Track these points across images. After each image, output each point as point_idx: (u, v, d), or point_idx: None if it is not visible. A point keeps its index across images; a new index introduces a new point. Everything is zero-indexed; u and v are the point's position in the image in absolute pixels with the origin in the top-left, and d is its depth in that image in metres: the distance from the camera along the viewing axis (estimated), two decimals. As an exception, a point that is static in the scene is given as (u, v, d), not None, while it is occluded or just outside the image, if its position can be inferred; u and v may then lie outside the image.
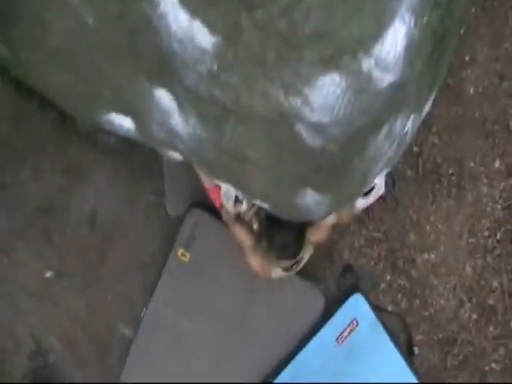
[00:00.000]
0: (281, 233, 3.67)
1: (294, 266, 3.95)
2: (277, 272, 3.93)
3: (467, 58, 4.86)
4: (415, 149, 4.90)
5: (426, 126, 4.64)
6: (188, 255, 4.49)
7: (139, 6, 2.39)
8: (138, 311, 4.62)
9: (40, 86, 3.63)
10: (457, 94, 4.92)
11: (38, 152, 4.34)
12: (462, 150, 5.01)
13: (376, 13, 2.05)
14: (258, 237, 3.75)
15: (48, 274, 4.46)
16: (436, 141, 4.97)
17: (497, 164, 5.08)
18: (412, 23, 2.15)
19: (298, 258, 3.78)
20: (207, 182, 3.73)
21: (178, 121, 2.89)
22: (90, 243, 4.51)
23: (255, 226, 3.76)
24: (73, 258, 4.49)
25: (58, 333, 4.53)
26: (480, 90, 4.97)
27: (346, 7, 2.02)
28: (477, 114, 4.98)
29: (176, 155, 3.34)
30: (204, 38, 2.31)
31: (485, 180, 5.09)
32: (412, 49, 2.22)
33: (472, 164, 5.04)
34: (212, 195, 3.85)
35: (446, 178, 5.02)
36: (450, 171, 5.02)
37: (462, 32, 4.49)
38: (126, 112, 3.26)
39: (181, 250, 4.49)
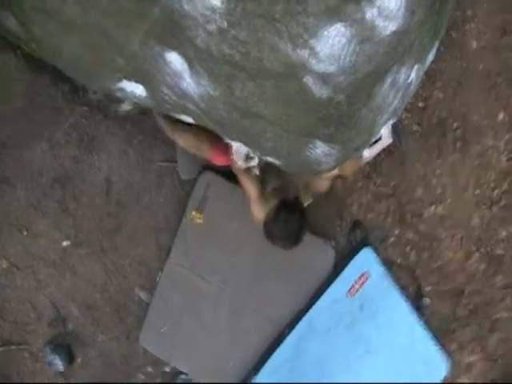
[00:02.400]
0: (280, 179, 3.86)
1: None
2: None
3: (469, 12, 4.87)
4: (420, 104, 4.94)
5: (430, 80, 4.69)
6: (201, 216, 4.57)
7: None
8: (153, 275, 4.73)
9: (52, 58, 3.67)
10: (460, 48, 4.94)
11: (52, 125, 4.40)
12: (466, 104, 5.04)
13: None
14: (263, 187, 3.86)
15: (65, 244, 4.57)
16: (441, 95, 5.00)
17: (501, 116, 5.11)
18: None
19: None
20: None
21: (189, 82, 2.93)
22: (105, 211, 4.60)
23: (256, 173, 3.84)
24: (89, 226, 4.58)
25: (77, 300, 4.66)
26: (483, 43, 4.99)
27: None
28: (480, 68, 5.00)
29: (187, 118, 3.39)
30: None
31: (489, 132, 5.12)
32: None
33: (476, 117, 5.08)
34: (216, 160, 3.93)
35: (451, 132, 5.07)
36: (455, 125, 5.06)
37: (463, -15, 4.50)
38: (137, 78, 3.31)
39: (194, 212, 4.56)
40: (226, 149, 3.53)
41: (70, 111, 4.37)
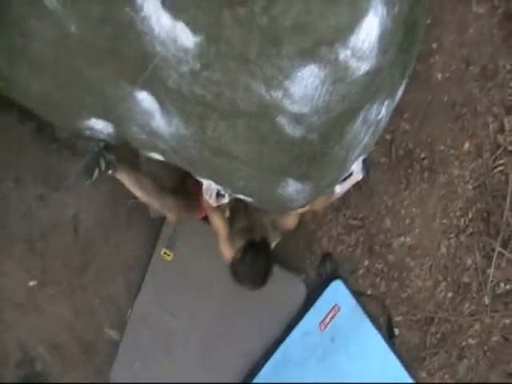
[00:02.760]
0: (247, 219, 3.84)
1: None
2: None
3: (434, 46, 4.94)
4: (387, 136, 4.98)
5: (397, 112, 4.70)
6: (171, 254, 4.54)
7: (122, 10, 2.39)
8: (123, 313, 4.67)
9: (20, 96, 3.62)
10: (426, 80, 5.00)
11: (19, 163, 4.34)
12: (432, 135, 5.10)
13: (351, 4, 2.12)
14: (231, 225, 3.83)
15: (32, 283, 4.49)
16: (407, 127, 5.06)
17: (466, 146, 5.19)
18: (385, 13, 2.21)
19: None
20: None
21: (159, 122, 2.91)
22: (73, 249, 4.54)
23: (227, 214, 3.83)
24: (56, 265, 4.50)
25: (44, 340, 4.57)
26: (447, 75, 5.06)
27: (323, 0, 2.09)
28: (445, 99, 5.07)
29: (157, 155, 3.35)
30: (187, 37, 2.32)
31: (455, 162, 5.20)
32: (385, 37, 2.28)
33: (443, 147, 5.15)
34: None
35: (419, 163, 5.12)
36: (422, 155, 5.12)
37: (428, 21, 4.55)
38: (107, 116, 3.27)
39: (164, 250, 4.54)
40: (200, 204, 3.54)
41: (36, 149, 4.31)
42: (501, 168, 5.10)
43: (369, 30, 2.16)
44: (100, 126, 3.32)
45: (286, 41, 2.16)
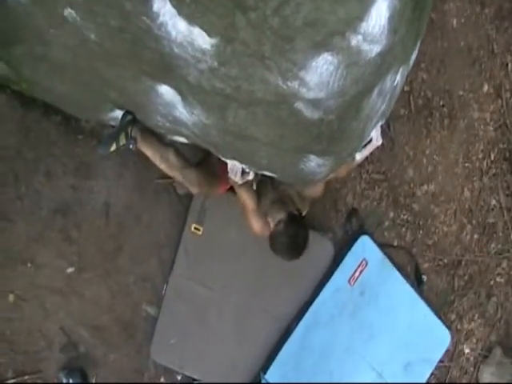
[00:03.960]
0: (275, 192, 3.88)
1: None
2: None
3: (448, -8, 4.85)
4: (405, 88, 4.95)
5: (413, 64, 4.66)
6: (201, 228, 4.59)
7: (139, 19, 2.39)
8: (158, 289, 4.73)
9: (43, 96, 3.67)
10: (441, 28, 4.95)
11: (48, 157, 4.36)
12: (450, 81, 5.07)
13: None
14: (258, 199, 3.85)
15: (69, 270, 4.53)
16: (425, 76, 5.03)
17: (485, 88, 5.16)
18: None
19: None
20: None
21: (182, 111, 2.94)
22: (106, 234, 4.57)
23: (254, 187, 3.84)
24: (91, 250, 4.55)
25: (85, 323, 4.64)
26: (462, 20, 5.00)
27: None
28: (462, 44, 5.03)
29: (181, 139, 3.41)
30: (203, 40, 2.33)
31: (475, 105, 5.18)
32: (395, 17, 2.26)
33: (461, 92, 5.12)
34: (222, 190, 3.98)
35: (438, 111, 5.10)
36: (441, 103, 5.10)
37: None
38: (130, 107, 3.31)
39: (193, 225, 4.58)
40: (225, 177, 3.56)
41: (64, 142, 4.33)
42: (521, 106, 5.06)
43: (378, 16, 2.16)
44: (125, 116, 3.38)
45: (299, 37, 2.17)
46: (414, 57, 2.97)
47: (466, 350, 5.42)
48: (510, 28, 5.05)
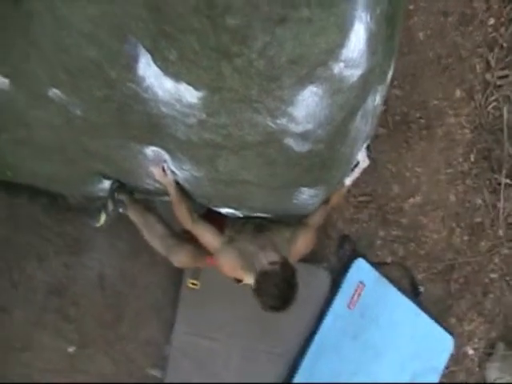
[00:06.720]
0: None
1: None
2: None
3: (411, 7, 4.85)
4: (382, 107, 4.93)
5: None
6: (197, 283, 4.59)
7: (125, 85, 2.40)
8: (162, 351, 4.74)
9: (28, 180, 3.65)
10: (408, 44, 4.95)
11: (38, 240, 4.32)
12: (423, 93, 5.08)
13: (338, 24, 2.11)
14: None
15: (70, 349, 4.51)
16: (398, 93, 5.04)
17: (458, 93, 5.18)
18: (368, 19, 2.21)
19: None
20: None
21: (171, 170, 2.98)
22: (103, 305, 4.53)
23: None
24: (91, 325, 4.50)
25: (92, 397, 4.63)
26: (428, 32, 5.01)
27: (312, 29, 2.07)
28: (431, 55, 5.04)
29: (169, 198, 3.34)
30: (191, 94, 2.34)
31: (450, 111, 5.20)
32: (372, 39, 2.28)
33: (436, 101, 5.14)
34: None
35: (415, 123, 5.12)
36: (418, 115, 5.12)
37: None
38: (117, 175, 3.32)
39: (190, 280, 4.59)
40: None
41: (52, 222, 4.30)
42: (494, 104, 5.14)
43: (357, 40, 2.18)
44: (112, 183, 3.44)
45: (284, 75, 2.19)
46: (390, 75, 2.98)
47: (470, 352, 5.47)
48: (474, 31, 5.05)
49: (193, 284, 4.54)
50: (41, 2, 2.15)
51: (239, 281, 3.48)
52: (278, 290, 3.24)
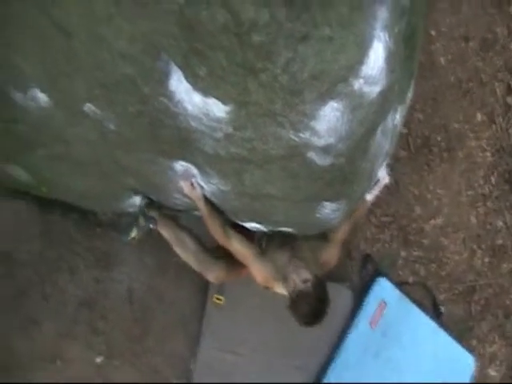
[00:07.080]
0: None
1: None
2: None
3: (433, 33, 4.95)
4: (404, 130, 5.04)
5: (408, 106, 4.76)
6: (222, 298, 4.68)
7: (157, 100, 2.48)
8: (187, 365, 4.81)
9: (63, 195, 3.76)
10: (430, 68, 5.04)
11: (70, 254, 4.46)
12: (445, 116, 5.16)
13: (357, 42, 2.20)
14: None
15: (98, 360, 4.62)
16: (420, 116, 5.13)
17: (478, 117, 5.26)
18: (387, 38, 2.30)
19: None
20: None
21: (199, 184, 3.07)
22: (131, 319, 4.64)
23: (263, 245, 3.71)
24: (119, 338, 4.61)
25: (119, 408, 4.72)
26: (449, 57, 5.10)
27: (333, 47, 2.16)
28: (452, 79, 5.12)
29: (198, 213, 3.44)
30: (218, 109, 2.42)
31: (471, 134, 5.27)
32: (390, 58, 2.36)
33: (456, 125, 5.22)
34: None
35: (437, 146, 5.20)
36: (439, 138, 5.20)
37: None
38: (148, 190, 3.42)
39: (215, 296, 4.68)
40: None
41: (83, 237, 4.43)
42: (514, 127, 5.16)
43: (376, 58, 2.27)
44: (142, 200, 3.51)
45: (306, 90, 2.27)
46: (409, 95, 3.07)
47: (492, 373, 5.47)
48: (494, 56, 5.15)
49: (218, 299, 4.63)
50: (79, 21, 2.27)
51: (269, 288, 3.60)
52: (311, 308, 3.41)
